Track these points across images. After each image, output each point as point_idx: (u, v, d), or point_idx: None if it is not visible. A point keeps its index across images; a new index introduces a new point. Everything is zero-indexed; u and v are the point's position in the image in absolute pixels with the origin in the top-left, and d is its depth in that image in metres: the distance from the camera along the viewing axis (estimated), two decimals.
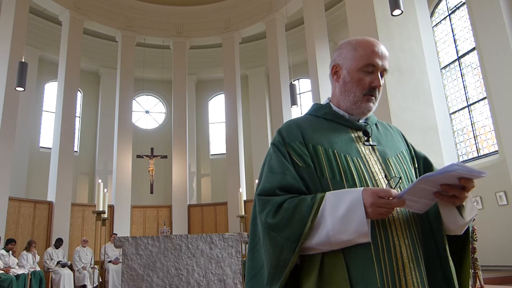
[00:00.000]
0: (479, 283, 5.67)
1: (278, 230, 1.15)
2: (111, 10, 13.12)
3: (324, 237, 1.12)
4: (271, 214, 1.17)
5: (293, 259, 1.13)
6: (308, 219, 1.12)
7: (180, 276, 3.87)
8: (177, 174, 12.91)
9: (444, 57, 11.02)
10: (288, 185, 1.20)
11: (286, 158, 1.25)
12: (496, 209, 8.75)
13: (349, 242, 1.12)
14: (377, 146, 1.32)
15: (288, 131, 1.31)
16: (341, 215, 1.11)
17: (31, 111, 12.80)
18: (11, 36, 10.25)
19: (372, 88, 1.31)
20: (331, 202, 1.14)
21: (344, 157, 1.24)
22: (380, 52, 1.33)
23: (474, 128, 9.95)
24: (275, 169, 1.24)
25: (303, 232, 1.12)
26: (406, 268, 1.12)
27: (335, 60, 1.40)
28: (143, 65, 14.02)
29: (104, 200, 6.91)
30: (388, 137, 1.40)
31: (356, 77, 1.32)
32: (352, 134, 1.32)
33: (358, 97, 1.32)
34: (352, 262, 1.12)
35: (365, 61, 1.31)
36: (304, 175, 1.23)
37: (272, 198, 1.19)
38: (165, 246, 3.92)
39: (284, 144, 1.28)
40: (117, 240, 3.94)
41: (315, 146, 1.26)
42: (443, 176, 1.11)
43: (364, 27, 7.98)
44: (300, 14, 12.38)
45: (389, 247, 1.13)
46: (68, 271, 9.55)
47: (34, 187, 12.41)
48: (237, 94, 13.39)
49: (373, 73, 1.31)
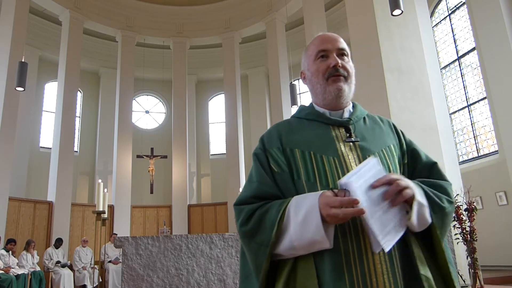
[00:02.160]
0: (479, 283, 5.67)
1: (251, 236, 1.18)
2: (111, 10, 13.12)
3: (289, 243, 1.13)
4: (244, 221, 1.20)
5: (265, 263, 1.15)
6: (275, 224, 1.14)
7: (180, 276, 3.88)
8: (177, 174, 12.91)
9: (444, 57, 11.02)
10: (263, 192, 1.23)
11: (264, 166, 1.27)
12: (496, 209, 8.75)
13: (312, 247, 1.11)
14: (359, 143, 1.27)
15: (268, 138, 1.33)
16: (300, 220, 1.11)
17: (31, 111, 12.80)
18: (11, 36, 10.25)
19: (333, 69, 1.30)
20: (293, 207, 1.14)
21: (320, 157, 1.23)
22: (327, 37, 1.36)
23: (474, 128, 9.95)
24: (253, 178, 1.28)
25: (271, 236, 1.14)
26: (377, 271, 1.08)
27: (301, 69, 1.45)
28: (143, 65, 14.03)
29: (104, 200, 6.91)
30: (376, 131, 1.35)
31: (314, 69, 1.34)
32: (333, 132, 1.29)
33: (323, 83, 1.32)
34: (322, 267, 1.11)
35: (315, 51, 1.35)
36: (280, 181, 1.25)
37: (246, 206, 1.22)
38: (165, 246, 3.93)
39: (264, 151, 1.31)
40: (117, 240, 3.94)
41: (293, 150, 1.27)
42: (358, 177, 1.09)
43: (364, 27, 7.98)
44: (300, 14, 12.38)
45: (360, 250, 1.10)
46: (68, 271, 9.55)
47: (34, 187, 12.41)
48: (237, 94, 13.39)
49: (328, 57, 1.32)
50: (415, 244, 1.17)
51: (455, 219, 5.87)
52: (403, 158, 1.35)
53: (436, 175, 1.33)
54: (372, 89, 7.70)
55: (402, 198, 1.10)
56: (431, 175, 1.33)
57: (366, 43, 7.92)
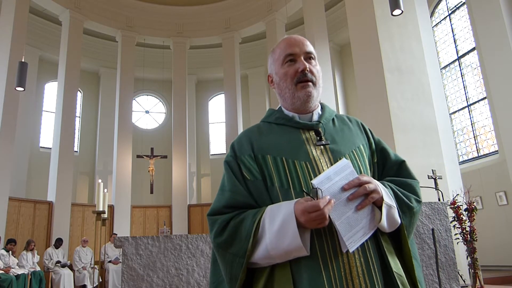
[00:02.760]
0: (479, 283, 5.67)
1: (225, 248, 1.17)
2: (111, 10, 13.12)
3: (265, 251, 1.13)
4: (218, 232, 1.19)
5: (241, 275, 1.15)
6: (250, 235, 1.13)
7: (180, 276, 3.88)
8: (177, 174, 12.91)
9: (444, 57, 11.02)
10: (236, 202, 1.22)
11: (236, 174, 1.26)
12: (496, 209, 8.75)
13: (289, 255, 1.11)
14: (330, 145, 1.27)
15: (239, 145, 1.32)
16: (276, 229, 1.11)
17: (31, 111, 12.79)
18: (11, 36, 10.25)
19: (301, 74, 1.29)
20: (268, 216, 1.14)
21: (292, 163, 1.22)
22: (294, 40, 1.34)
23: (474, 128, 9.95)
24: (225, 187, 1.26)
25: (247, 247, 1.13)
26: (353, 273, 1.10)
27: (268, 72, 1.43)
28: (143, 65, 14.03)
29: (104, 200, 6.90)
30: (345, 132, 1.35)
31: (282, 73, 1.32)
32: (304, 136, 1.29)
33: (292, 88, 1.30)
34: (299, 272, 1.12)
35: (283, 55, 1.33)
36: (253, 189, 1.24)
37: (220, 216, 1.21)
38: (165, 246, 3.93)
39: (236, 158, 1.29)
40: (117, 240, 3.94)
41: (265, 156, 1.25)
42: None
43: (364, 27, 7.98)
44: (300, 14, 12.39)
45: (336, 252, 1.11)
46: (68, 271, 9.55)
47: (34, 187, 12.41)
48: (237, 94, 13.40)
49: (296, 61, 1.31)
50: (386, 242, 1.20)
51: (455, 219, 5.88)
52: (373, 157, 1.36)
53: (405, 173, 1.34)
54: (372, 89, 7.70)
55: (369, 201, 1.12)
56: (399, 173, 1.34)
57: (366, 43, 7.92)
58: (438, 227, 4.08)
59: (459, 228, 5.87)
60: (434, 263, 3.91)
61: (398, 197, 1.22)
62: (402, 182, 1.29)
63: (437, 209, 4.16)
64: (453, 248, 4.10)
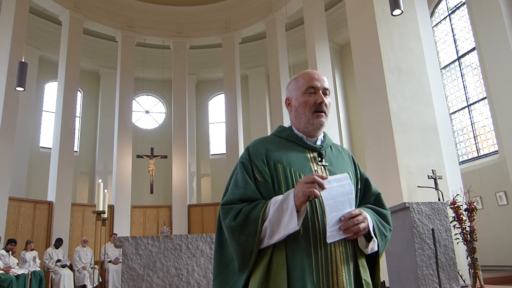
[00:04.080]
0: (479, 283, 5.67)
1: (239, 230, 1.40)
2: (111, 10, 13.11)
3: (268, 227, 1.37)
4: (233, 218, 1.41)
5: (255, 250, 1.38)
6: (259, 217, 1.38)
7: (180, 276, 3.88)
8: (177, 174, 12.91)
9: (444, 57, 11.02)
10: (248, 197, 1.45)
11: (249, 174, 1.49)
12: (496, 209, 8.75)
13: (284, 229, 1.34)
14: (328, 167, 1.54)
15: (254, 150, 1.55)
16: (276, 207, 1.37)
17: (31, 111, 12.79)
18: (11, 36, 10.25)
19: (318, 105, 1.56)
20: (273, 201, 1.40)
21: (299, 174, 1.47)
22: (317, 76, 1.60)
23: (474, 128, 9.95)
24: (239, 184, 1.48)
25: (257, 227, 1.37)
26: (339, 271, 1.38)
27: (286, 96, 1.68)
28: (143, 65, 14.02)
29: (104, 200, 6.91)
30: (339, 159, 1.62)
31: (302, 101, 1.58)
32: (308, 155, 1.55)
33: (309, 116, 1.56)
34: (293, 264, 1.36)
35: (306, 86, 1.58)
36: (262, 189, 1.47)
37: (234, 205, 1.44)
38: (165, 246, 3.93)
39: (250, 160, 1.52)
40: (117, 240, 3.94)
41: (276, 164, 1.50)
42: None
43: (364, 27, 7.98)
44: (300, 14, 12.38)
45: (327, 253, 1.38)
46: (68, 271, 9.55)
47: (34, 187, 12.41)
48: (237, 94, 13.39)
49: (316, 93, 1.57)
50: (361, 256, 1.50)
51: (455, 219, 5.88)
52: (357, 184, 1.63)
53: (380, 203, 1.63)
54: (372, 89, 7.70)
55: (357, 230, 1.39)
56: (376, 202, 1.63)
57: (366, 43, 7.92)
58: (438, 227, 4.08)
59: (459, 228, 5.87)
60: (434, 263, 3.91)
61: (379, 228, 1.51)
62: (379, 212, 1.57)
63: (437, 209, 4.16)
64: (453, 248, 4.10)
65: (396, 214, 4.25)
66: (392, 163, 6.89)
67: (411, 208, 4.08)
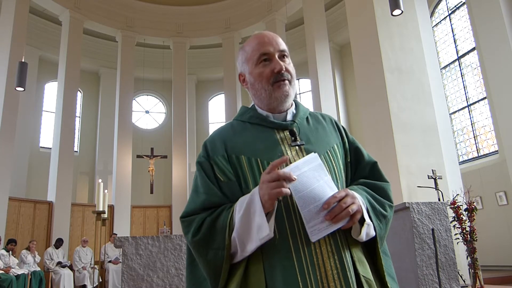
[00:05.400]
0: (479, 283, 5.67)
1: (205, 245, 1.16)
2: (111, 10, 13.11)
3: (237, 237, 1.12)
4: (195, 231, 1.17)
5: (225, 266, 1.14)
6: (226, 225, 1.13)
7: (180, 276, 3.88)
8: (177, 174, 12.91)
9: (444, 57, 11.02)
10: (211, 204, 1.20)
11: (209, 176, 1.24)
12: (496, 209, 8.75)
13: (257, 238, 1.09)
14: (305, 146, 1.24)
15: (212, 145, 1.29)
16: (242, 213, 1.11)
17: (31, 111, 12.79)
18: (11, 36, 10.25)
19: (277, 74, 1.25)
20: (239, 203, 1.14)
21: (268, 164, 1.17)
22: (267, 39, 1.30)
23: (474, 128, 9.95)
24: (199, 189, 1.23)
25: (225, 238, 1.12)
26: (329, 277, 1.08)
27: (238, 71, 1.39)
28: (143, 65, 14.02)
29: (104, 200, 6.91)
30: (319, 131, 1.32)
31: (256, 73, 1.28)
32: (278, 136, 1.25)
33: (269, 89, 1.26)
34: (273, 275, 1.10)
35: (256, 55, 1.28)
36: (227, 190, 1.21)
37: (195, 216, 1.20)
38: (165, 246, 3.93)
39: (208, 158, 1.26)
40: (117, 240, 3.94)
41: (239, 157, 1.22)
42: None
43: (364, 27, 7.98)
44: (300, 14, 12.38)
45: (311, 255, 1.10)
46: (68, 271, 9.55)
47: (34, 187, 12.41)
48: (237, 94, 13.40)
49: (271, 60, 1.27)
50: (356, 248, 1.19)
51: (455, 219, 5.88)
52: (346, 157, 1.34)
53: (377, 174, 1.33)
54: (372, 89, 7.71)
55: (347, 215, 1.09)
56: (372, 174, 1.33)
57: (366, 43, 7.92)
58: (438, 227, 4.08)
59: (459, 228, 5.87)
60: (434, 263, 3.91)
61: (374, 207, 1.21)
62: (375, 185, 1.28)
63: (437, 209, 4.16)
64: (453, 248, 4.10)
65: (396, 214, 4.26)
66: (392, 163, 6.89)
67: (411, 208, 4.08)
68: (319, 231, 1.08)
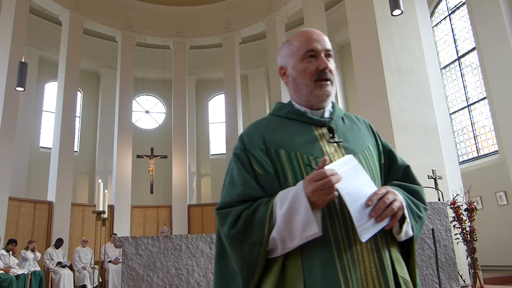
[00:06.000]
0: (479, 283, 5.67)
1: (242, 238, 1.14)
2: (111, 10, 13.12)
3: (277, 234, 1.11)
4: (232, 224, 1.16)
5: (261, 261, 1.13)
6: (266, 221, 1.12)
7: (180, 276, 3.88)
8: (177, 174, 12.91)
9: (444, 57, 11.02)
10: (248, 196, 1.19)
11: (246, 167, 1.22)
12: (496, 209, 8.75)
13: (301, 235, 1.09)
14: (343, 143, 1.25)
15: (249, 137, 1.27)
16: (286, 208, 1.10)
17: (31, 111, 12.79)
18: (11, 36, 10.25)
19: (321, 72, 1.27)
20: (279, 198, 1.13)
21: (307, 159, 1.19)
22: (315, 36, 1.30)
23: (474, 128, 9.95)
24: (235, 181, 1.22)
25: (263, 234, 1.11)
26: (368, 275, 1.09)
27: (279, 64, 1.38)
28: (143, 65, 14.02)
29: (104, 200, 6.90)
30: (355, 131, 1.33)
31: (300, 68, 1.29)
32: (316, 132, 1.26)
33: (311, 86, 1.27)
34: (312, 272, 1.09)
35: (303, 50, 1.29)
36: (265, 183, 1.20)
37: (232, 209, 1.18)
38: (165, 246, 3.93)
39: (245, 150, 1.25)
40: (117, 240, 3.94)
41: (277, 150, 1.22)
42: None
43: (364, 27, 7.98)
44: (300, 14, 12.38)
45: (352, 253, 1.10)
46: (68, 271, 9.55)
47: (34, 187, 12.41)
48: (237, 94, 13.40)
49: (317, 57, 1.28)
50: (394, 247, 1.20)
51: (455, 219, 5.88)
52: (380, 159, 1.35)
53: (410, 178, 1.34)
54: (372, 89, 7.70)
55: (391, 211, 1.10)
56: (404, 177, 1.34)
57: (366, 43, 7.92)
58: (438, 227, 4.08)
59: (459, 228, 5.87)
60: (434, 263, 3.91)
61: (411, 208, 1.21)
62: (410, 188, 1.28)
63: (437, 209, 4.17)
64: (453, 248, 4.10)
65: None
66: None
67: None
68: (367, 230, 1.07)
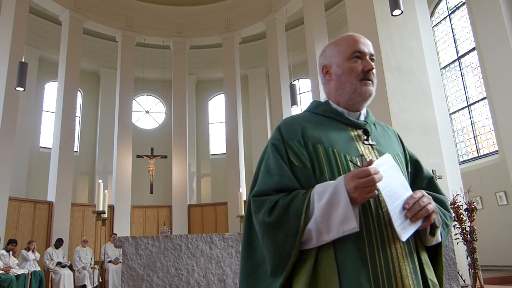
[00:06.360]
0: (479, 283, 5.67)
1: (276, 227, 1.16)
2: (111, 10, 13.12)
3: (314, 226, 1.13)
4: (267, 213, 1.17)
5: (294, 252, 1.14)
6: (302, 212, 1.13)
7: (180, 276, 3.88)
8: (177, 174, 12.91)
9: (444, 57, 11.02)
10: (284, 186, 1.21)
11: (283, 158, 1.25)
12: (496, 209, 8.75)
13: (338, 229, 1.11)
14: (376, 146, 1.30)
15: (287, 129, 1.30)
16: (326, 201, 1.12)
17: (31, 111, 12.79)
18: (11, 36, 10.25)
19: (367, 72, 1.33)
20: (317, 192, 1.15)
21: (344, 156, 1.22)
22: (362, 40, 1.36)
23: (474, 128, 9.95)
24: (272, 170, 1.24)
25: (299, 225, 1.13)
26: (403, 272, 1.12)
27: (322, 63, 1.41)
28: (143, 65, 14.02)
29: (104, 200, 6.90)
30: (386, 138, 1.39)
31: (347, 67, 1.33)
32: (352, 133, 1.30)
33: (355, 84, 1.32)
34: (345, 265, 1.12)
35: (351, 50, 1.34)
36: (300, 176, 1.22)
37: (268, 197, 1.20)
38: (165, 246, 3.93)
39: (283, 141, 1.27)
40: (117, 240, 3.94)
41: (315, 145, 1.24)
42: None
43: (364, 27, 7.97)
44: (300, 14, 12.38)
45: (386, 252, 1.13)
46: (68, 271, 9.55)
47: (34, 187, 12.41)
48: (237, 94, 13.39)
49: (362, 59, 1.34)
50: (423, 251, 1.26)
51: (455, 219, 5.88)
52: (407, 167, 1.39)
53: (435, 188, 1.39)
54: None
55: (426, 213, 1.15)
56: (429, 187, 1.38)
57: None
58: None
59: (459, 228, 5.87)
60: None
61: (439, 216, 1.26)
62: (436, 197, 1.31)
63: None
64: (453, 248, 4.10)
65: None
66: None
67: None
68: (405, 230, 1.11)
